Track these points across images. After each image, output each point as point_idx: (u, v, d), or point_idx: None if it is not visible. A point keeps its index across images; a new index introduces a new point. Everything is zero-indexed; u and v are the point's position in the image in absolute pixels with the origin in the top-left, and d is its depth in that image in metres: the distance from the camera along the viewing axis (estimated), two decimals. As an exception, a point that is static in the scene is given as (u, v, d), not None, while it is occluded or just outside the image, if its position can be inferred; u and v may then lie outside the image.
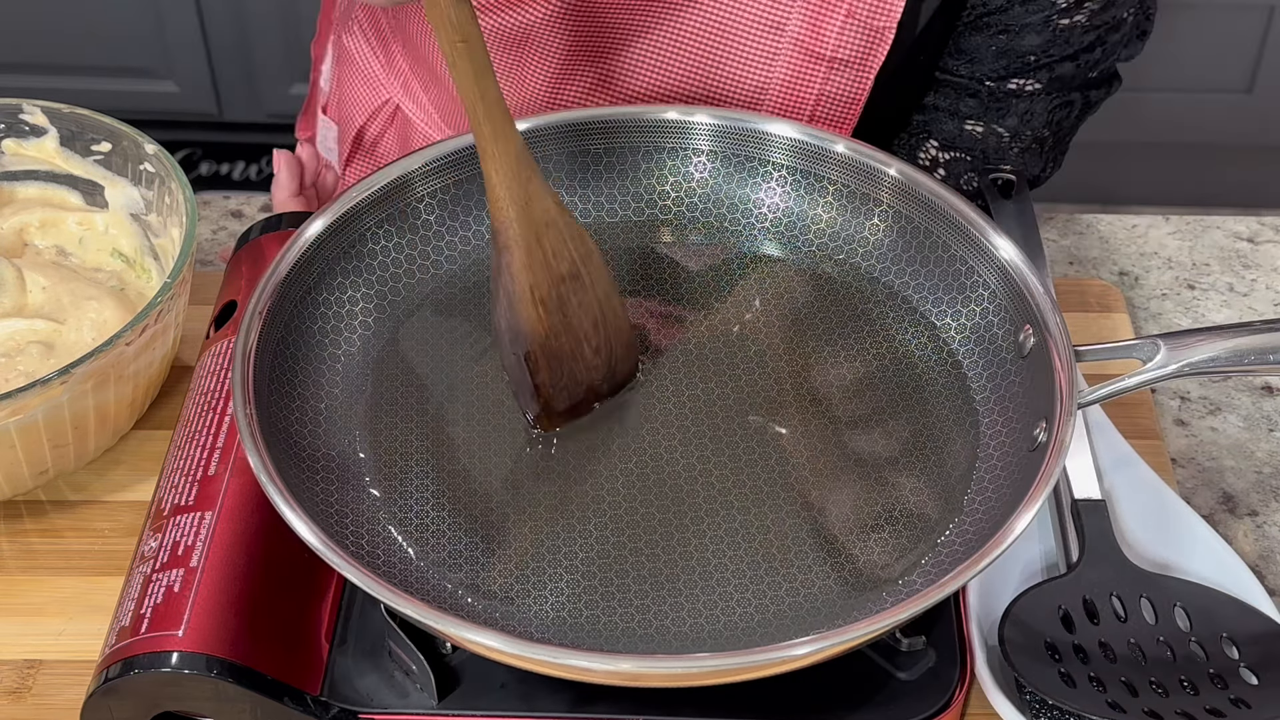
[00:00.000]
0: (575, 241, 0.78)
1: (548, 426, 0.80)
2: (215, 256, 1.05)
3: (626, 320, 0.82)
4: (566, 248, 0.78)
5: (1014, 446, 0.77)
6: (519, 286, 0.77)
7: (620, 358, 0.81)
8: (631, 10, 0.94)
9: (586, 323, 0.79)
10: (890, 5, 0.92)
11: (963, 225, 0.83)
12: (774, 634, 0.71)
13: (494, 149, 0.75)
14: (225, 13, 2.31)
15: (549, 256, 0.77)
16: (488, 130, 0.75)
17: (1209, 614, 0.78)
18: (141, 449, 0.90)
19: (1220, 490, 0.90)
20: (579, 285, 0.79)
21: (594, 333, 0.80)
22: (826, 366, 0.83)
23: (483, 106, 0.74)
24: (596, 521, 0.76)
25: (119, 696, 0.72)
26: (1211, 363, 0.75)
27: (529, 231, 0.76)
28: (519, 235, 0.76)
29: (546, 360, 0.78)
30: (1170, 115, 2.33)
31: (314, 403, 0.79)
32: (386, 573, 0.73)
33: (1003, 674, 0.76)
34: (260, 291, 0.78)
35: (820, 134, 0.87)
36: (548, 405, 0.79)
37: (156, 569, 0.74)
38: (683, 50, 0.96)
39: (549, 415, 0.80)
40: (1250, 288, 1.03)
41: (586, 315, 0.79)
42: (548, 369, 0.78)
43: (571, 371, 0.79)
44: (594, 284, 0.79)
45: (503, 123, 0.75)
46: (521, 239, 0.76)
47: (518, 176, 0.76)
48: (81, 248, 0.95)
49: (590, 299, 0.79)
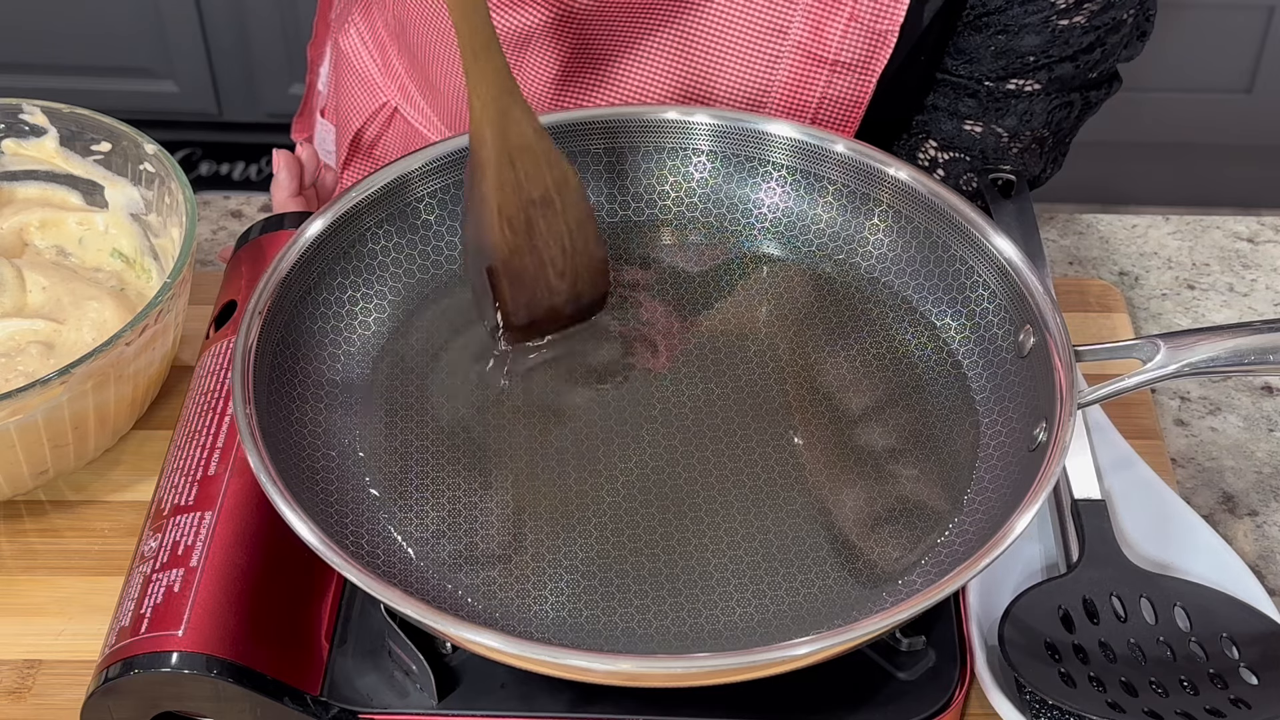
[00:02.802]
0: (552, 168, 0.81)
1: (508, 340, 0.83)
2: (215, 256, 1.05)
3: (600, 250, 0.84)
4: (541, 173, 0.80)
5: (1014, 446, 0.77)
6: (488, 204, 0.80)
7: (587, 284, 0.84)
8: (633, 14, 0.94)
9: (554, 248, 0.82)
10: (893, 8, 0.92)
11: (963, 225, 0.83)
12: (774, 634, 0.71)
13: (474, 67, 0.78)
14: (225, 13, 2.31)
15: (521, 179, 0.80)
16: (470, 48, 0.77)
17: (1209, 614, 0.78)
18: (141, 449, 0.90)
19: (1220, 490, 0.90)
20: (549, 211, 0.81)
21: (561, 258, 0.83)
22: (826, 367, 0.83)
23: (468, 25, 0.77)
24: (596, 521, 0.76)
25: (119, 696, 0.72)
26: (1211, 363, 0.75)
27: (502, 152, 0.79)
28: (492, 155, 0.79)
29: (508, 277, 0.82)
30: (1170, 115, 2.33)
31: (314, 403, 0.79)
32: (386, 573, 0.73)
33: (1003, 674, 0.76)
34: (260, 291, 0.78)
35: (820, 134, 0.87)
36: (507, 319, 0.83)
37: (156, 569, 0.74)
38: (684, 54, 0.96)
39: (508, 328, 0.83)
40: (1250, 288, 1.03)
41: (554, 240, 0.82)
42: (509, 285, 0.82)
43: (533, 291, 0.83)
44: (566, 211, 0.82)
45: (486, 42, 0.77)
46: (494, 159, 0.79)
47: (496, 98, 0.78)
48: (81, 248, 0.95)
49: (560, 226, 0.82)
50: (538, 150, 0.80)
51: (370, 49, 1.11)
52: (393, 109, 1.10)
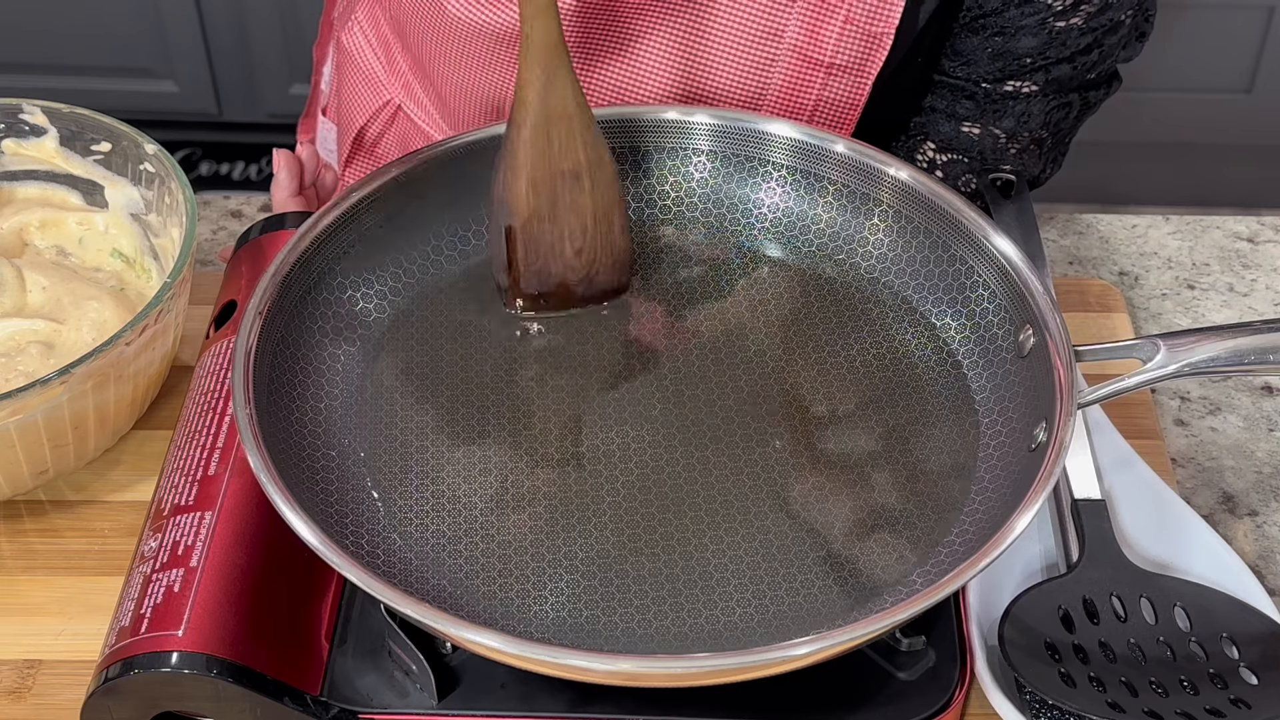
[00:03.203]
0: (588, 146, 0.82)
1: (512, 305, 0.84)
2: (215, 256, 1.05)
3: (625, 240, 0.85)
4: (575, 146, 0.81)
5: (1014, 446, 0.77)
6: (517, 163, 0.81)
7: (604, 268, 0.85)
8: (628, 16, 0.94)
9: (574, 223, 0.83)
10: (888, 10, 0.92)
11: (963, 225, 0.83)
12: (774, 634, 0.71)
13: (529, 28, 0.79)
14: (225, 13, 2.31)
15: (554, 147, 0.81)
16: (529, 10, 0.78)
17: (1209, 614, 0.78)
18: (141, 449, 0.90)
19: (1220, 490, 0.90)
20: (577, 185, 0.82)
21: (580, 235, 0.83)
22: (826, 367, 0.83)
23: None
24: (596, 521, 0.76)
25: (119, 696, 0.72)
26: (1211, 363, 0.75)
27: (540, 115, 0.80)
28: (529, 116, 0.80)
29: (524, 240, 0.83)
30: (1170, 115, 2.33)
31: (314, 403, 0.79)
32: (386, 573, 0.73)
33: (1003, 674, 0.76)
34: (260, 291, 0.78)
35: (820, 134, 0.87)
36: (515, 284, 0.84)
37: (156, 569, 0.74)
38: (679, 56, 0.96)
39: (516, 293, 0.84)
40: (1250, 288, 1.03)
41: (576, 217, 0.83)
42: (524, 249, 0.83)
43: (546, 261, 0.84)
44: (595, 190, 0.83)
45: (545, 9, 0.78)
46: (531, 119, 0.80)
47: (544, 62, 0.79)
48: (81, 248, 0.95)
49: (585, 203, 0.83)
50: (576, 124, 0.81)
51: (374, 46, 1.11)
52: (396, 106, 1.10)
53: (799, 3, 0.92)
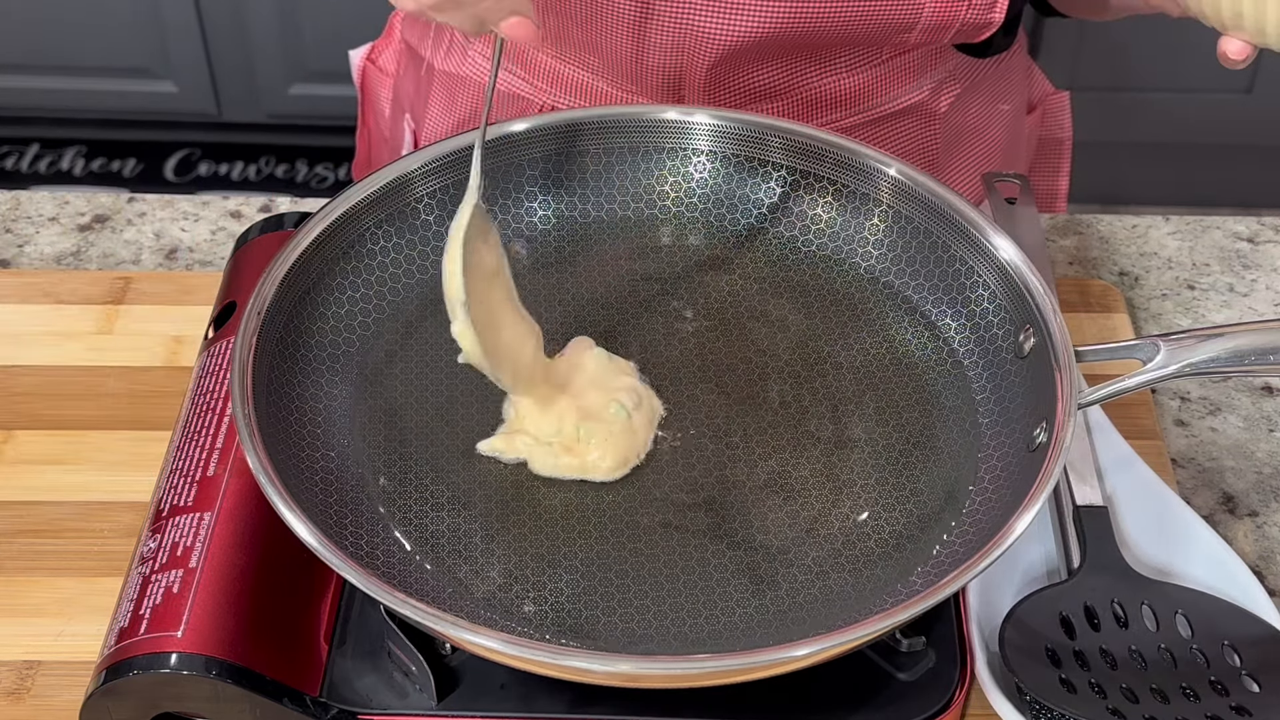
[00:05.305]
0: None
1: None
2: (215, 256, 1.05)
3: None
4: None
5: (1014, 446, 0.77)
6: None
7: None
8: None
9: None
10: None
11: (963, 225, 0.83)
12: (774, 634, 0.71)
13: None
14: (225, 13, 2.30)
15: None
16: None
17: (1210, 621, 0.77)
18: (141, 449, 0.90)
19: (1220, 491, 0.90)
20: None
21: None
22: (826, 367, 0.83)
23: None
24: (597, 521, 0.76)
25: (118, 697, 0.72)
26: (1211, 363, 0.75)
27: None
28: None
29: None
30: (1170, 115, 2.32)
31: (314, 403, 0.79)
32: (386, 573, 0.73)
33: (1003, 677, 0.76)
34: (260, 291, 0.78)
35: (820, 134, 0.87)
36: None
37: (155, 570, 0.74)
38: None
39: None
40: (1250, 288, 1.03)
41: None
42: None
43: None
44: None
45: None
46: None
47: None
48: None
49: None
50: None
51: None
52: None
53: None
